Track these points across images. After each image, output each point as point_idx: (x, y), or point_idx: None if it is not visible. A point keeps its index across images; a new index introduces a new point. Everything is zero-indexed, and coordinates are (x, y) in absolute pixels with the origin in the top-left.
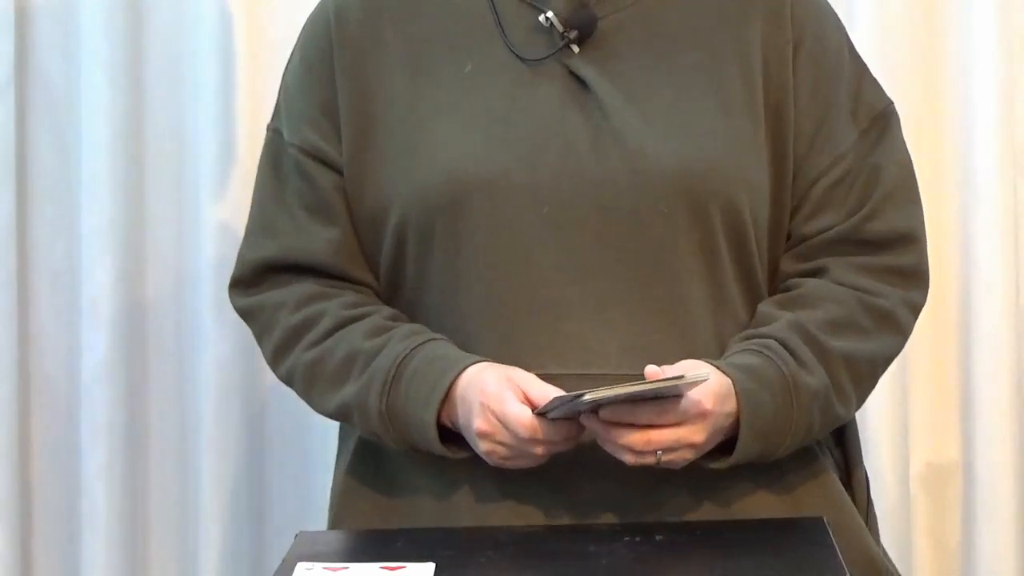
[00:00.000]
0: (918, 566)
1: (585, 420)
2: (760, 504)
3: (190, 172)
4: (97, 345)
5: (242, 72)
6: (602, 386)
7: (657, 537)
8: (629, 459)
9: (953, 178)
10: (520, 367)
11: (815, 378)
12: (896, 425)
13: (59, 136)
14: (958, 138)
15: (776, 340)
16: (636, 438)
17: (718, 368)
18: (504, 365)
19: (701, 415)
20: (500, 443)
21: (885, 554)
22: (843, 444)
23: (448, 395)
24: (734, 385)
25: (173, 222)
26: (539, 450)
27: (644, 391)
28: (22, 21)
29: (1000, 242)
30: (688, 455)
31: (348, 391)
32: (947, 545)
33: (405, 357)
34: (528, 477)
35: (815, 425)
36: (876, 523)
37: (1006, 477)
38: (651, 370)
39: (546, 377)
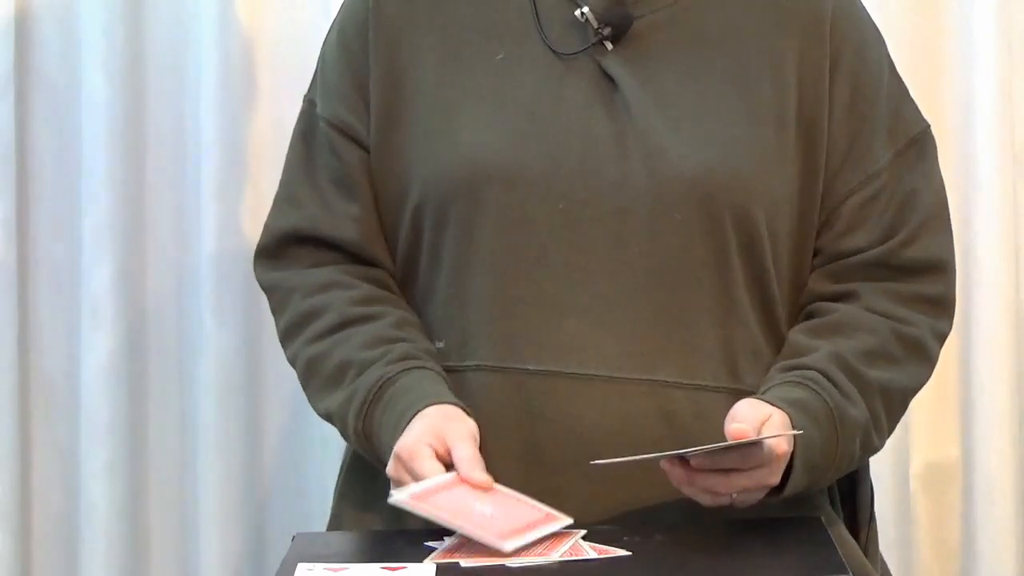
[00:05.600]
0: (918, 566)
1: (667, 466)
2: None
3: (190, 172)
4: (97, 345)
5: (242, 72)
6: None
7: (657, 537)
8: (707, 501)
9: (953, 178)
10: (519, 362)
11: (858, 410)
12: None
13: (59, 136)
14: (958, 138)
15: (819, 372)
16: (720, 483)
17: (774, 405)
18: (456, 416)
19: (780, 457)
20: None
21: (884, 565)
22: (855, 495)
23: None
24: (791, 421)
25: (173, 222)
26: None
27: (732, 445)
28: (22, 21)
29: (1000, 242)
30: (761, 495)
31: (335, 399)
32: (947, 545)
33: (387, 381)
34: (522, 485)
35: (855, 456)
36: (876, 538)
37: (1006, 477)
38: (737, 430)
39: (544, 374)
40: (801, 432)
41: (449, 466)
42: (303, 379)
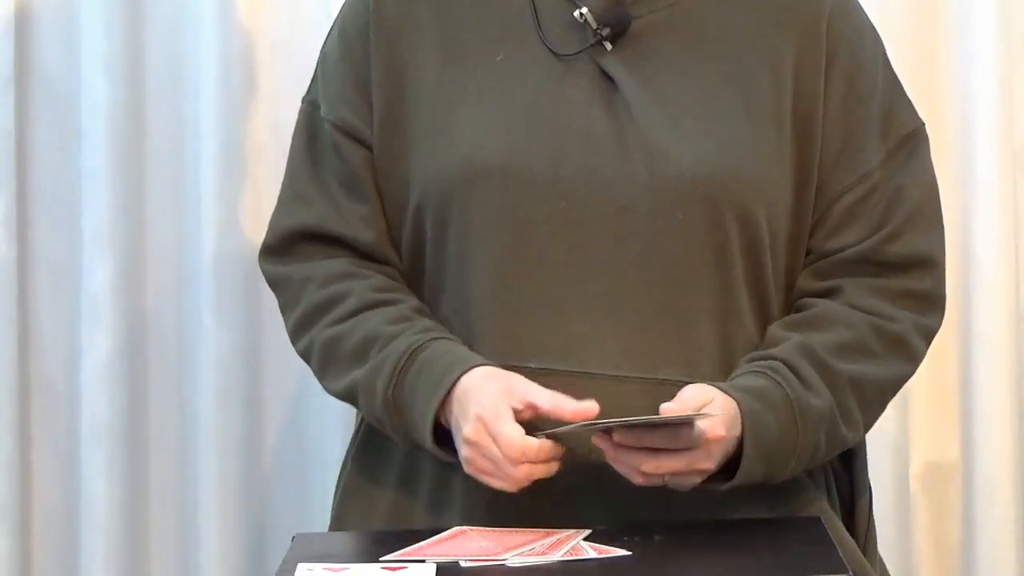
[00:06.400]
0: (918, 566)
1: (597, 440)
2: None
3: (190, 172)
4: (97, 345)
5: (242, 72)
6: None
7: (656, 537)
8: (638, 480)
9: (953, 178)
10: (520, 360)
11: (821, 400)
12: (896, 425)
13: (59, 136)
14: (958, 138)
15: (782, 362)
16: (647, 462)
17: (724, 392)
18: (510, 373)
19: (712, 441)
20: (484, 456)
21: (882, 565)
22: (850, 471)
23: (449, 393)
24: (739, 407)
25: (173, 222)
26: (521, 472)
27: (655, 420)
28: (22, 21)
29: (1000, 242)
30: (696, 479)
31: (359, 372)
32: (947, 545)
33: (419, 347)
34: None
35: (821, 447)
36: (875, 539)
37: (1006, 477)
38: (663, 409)
39: (545, 373)
40: (718, 415)
41: (527, 425)
42: (321, 362)
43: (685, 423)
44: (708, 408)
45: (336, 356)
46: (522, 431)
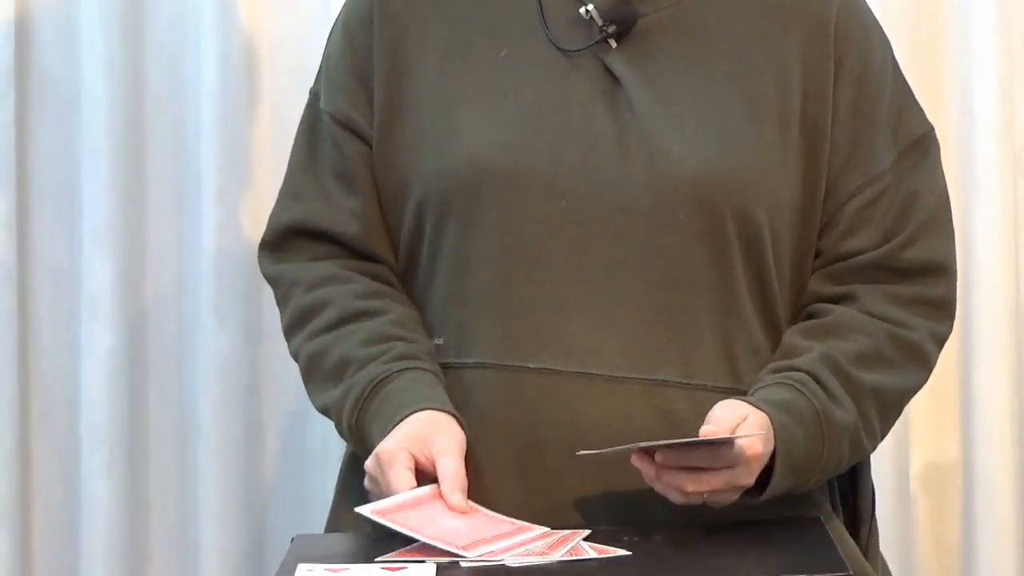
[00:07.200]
0: (918, 566)
1: (636, 461)
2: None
3: (190, 172)
4: (97, 345)
5: (242, 72)
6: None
7: (656, 537)
8: (678, 499)
9: (953, 178)
10: (519, 360)
11: (846, 413)
12: (896, 425)
13: (59, 136)
14: (958, 138)
15: (808, 374)
16: (690, 481)
17: (754, 406)
18: (444, 423)
19: (752, 458)
20: (376, 491)
21: (884, 564)
22: (853, 471)
23: None
24: (771, 422)
25: (173, 222)
26: None
27: (698, 441)
28: (22, 21)
29: (1000, 242)
30: (734, 495)
31: (332, 395)
32: (947, 545)
33: (382, 380)
34: (521, 484)
35: (844, 459)
36: (877, 539)
37: (1006, 477)
38: (706, 432)
39: (544, 373)
40: (762, 434)
41: (431, 476)
42: (304, 374)
43: (726, 442)
44: (744, 425)
45: (315, 373)
46: (412, 481)
